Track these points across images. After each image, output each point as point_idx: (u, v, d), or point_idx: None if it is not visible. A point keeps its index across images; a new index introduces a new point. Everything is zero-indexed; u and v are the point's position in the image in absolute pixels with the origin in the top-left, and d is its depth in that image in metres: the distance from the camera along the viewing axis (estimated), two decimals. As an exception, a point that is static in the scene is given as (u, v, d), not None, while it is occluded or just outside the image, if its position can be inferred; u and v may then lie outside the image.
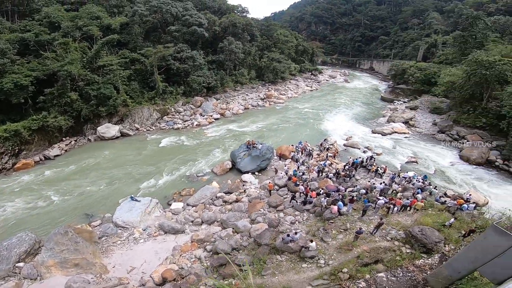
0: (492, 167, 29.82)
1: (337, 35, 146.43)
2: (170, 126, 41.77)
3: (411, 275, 4.98)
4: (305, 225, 17.76)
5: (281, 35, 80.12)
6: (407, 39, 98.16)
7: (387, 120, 46.81)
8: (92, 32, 39.92)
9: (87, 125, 36.98)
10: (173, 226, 19.21)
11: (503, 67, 35.11)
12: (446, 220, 13.28)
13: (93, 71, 37.82)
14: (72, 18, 40.52)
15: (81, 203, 22.68)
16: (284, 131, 41.63)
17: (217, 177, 27.75)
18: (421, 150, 34.62)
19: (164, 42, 49.06)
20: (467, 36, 54.42)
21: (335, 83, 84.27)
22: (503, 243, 3.11)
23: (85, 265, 14.80)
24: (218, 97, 54.48)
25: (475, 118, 37.95)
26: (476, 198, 20.53)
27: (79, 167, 28.91)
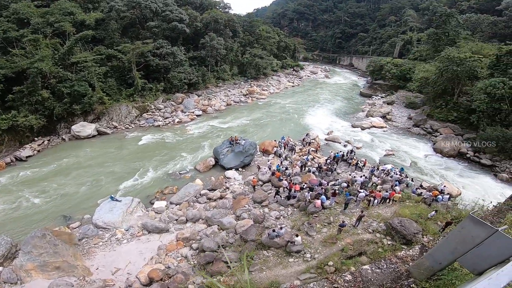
0: (463, 159, 31.55)
1: (318, 32, 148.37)
2: (150, 124, 40.65)
3: (394, 266, 5.17)
4: (290, 220, 18.05)
5: (263, 31, 79.96)
6: (385, 36, 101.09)
7: (366, 114, 48.17)
8: (65, 28, 37.99)
9: (60, 124, 35.24)
10: (156, 225, 18.83)
11: (473, 64, 37.04)
12: (423, 211, 13.93)
13: (66, 68, 36.12)
14: (43, 14, 38.31)
15: (58, 205, 21.68)
16: (267, 126, 41.78)
17: (200, 174, 27.41)
18: (397, 143, 36.03)
19: (143, 38, 47.51)
20: (440, 33, 56.86)
21: (316, 79, 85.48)
22: (480, 233, 3.17)
23: (66, 268, 14.26)
24: (200, 93, 53.63)
25: (447, 112, 39.88)
26: (449, 189, 21.61)
27: (55, 168, 27.53)
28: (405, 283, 4.45)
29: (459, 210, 10.51)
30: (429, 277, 4.14)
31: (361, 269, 5.45)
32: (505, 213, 5.31)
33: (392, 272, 5.02)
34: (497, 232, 2.90)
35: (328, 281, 4.97)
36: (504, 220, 4.93)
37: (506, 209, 5.48)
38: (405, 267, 5.00)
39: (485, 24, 62.79)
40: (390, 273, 5.00)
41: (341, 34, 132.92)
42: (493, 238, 2.93)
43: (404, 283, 4.45)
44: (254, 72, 68.00)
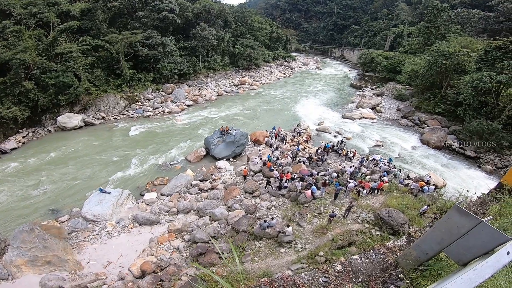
0: (449, 150, 32.49)
1: (310, 23, 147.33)
2: (139, 114, 39.91)
3: (383, 256, 5.31)
4: (281, 210, 18.18)
5: (255, 22, 78.92)
6: (376, 29, 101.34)
7: (356, 106, 48.71)
8: (49, 19, 36.80)
9: (46, 116, 34.25)
10: (147, 217, 18.69)
11: (461, 58, 37.77)
12: (410, 202, 14.30)
13: (51, 59, 35.08)
14: (26, 5, 36.74)
15: (46, 198, 21.19)
16: (258, 116, 41.73)
17: (191, 164, 27.26)
18: (386, 135, 36.71)
19: (131, 29, 46.23)
20: (431, 27, 57.47)
21: (308, 70, 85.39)
22: (465, 223, 3.17)
23: (57, 262, 14.08)
24: (191, 83, 52.83)
25: (434, 104, 40.77)
26: (435, 180, 22.23)
27: (40, 160, 26.80)
28: (393, 273, 4.57)
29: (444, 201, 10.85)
30: (416, 267, 4.22)
31: (351, 259, 5.59)
32: (489, 204, 5.51)
33: (380, 262, 5.16)
34: (481, 222, 2.94)
35: (319, 271, 5.07)
36: (488, 211, 5.12)
37: (490, 200, 5.67)
38: (393, 257, 5.13)
39: (475, 19, 63.71)
40: (379, 263, 5.13)
41: (333, 26, 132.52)
42: (478, 228, 2.95)
43: (392, 273, 4.57)
44: (245, 63, 67.43)
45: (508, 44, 32.01)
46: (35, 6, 36.98)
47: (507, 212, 4.50)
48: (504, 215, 4.41)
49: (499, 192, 5.44)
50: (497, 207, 4.92)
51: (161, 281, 12.56)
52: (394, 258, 5.02)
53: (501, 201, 5.07)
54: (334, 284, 4.57)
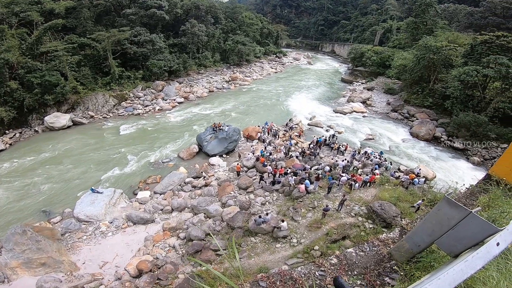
0: (438, 142, 33.25)
1: (301, 19, 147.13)
2: (129, 112, 39.28)
3: (377, 249, 5.43)
4: (276, 205, 18.31)
5: (246, 18, 78.33)
6: (366, 24, 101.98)
7: (347, 100, 49.19)
8: (32, 18, 35.80)
9: (32, 116, 33.41)
10: (141, 216, 18.56)
11: (449, 52, 38.46)
12: (401, 194, 14.59)
13: (35, 58, 34.26)
14: (7, 4, 35.62)
15: (37, 200, 20.78)
16: (250, 112, 41.68)
17: (184, 162, 27.10)
18: (377, 128, 37.27)
19: (119, 26, 45.33)
20: (419, 22, 58.25)
21: (299, 65, 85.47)
22: (455, 215, 3.19)
23: (52, 264, 13.92)
24: (181, 80, 52.21)
25: (423, 98, 41.52)
26: (425, 172, 22.70)
27: (29, 161, 26.16)
28: (387, 265, 4.67)
29: (434, 193, 11.14)
30: (410, 259, 4.28)
31: (346, 252, 5.71)
32: (478, 195, 5.70)
33: (375, 255, 5.27)
34: (471, 214, 2.98)
35: (315, 265, 5.16)
36: (477, 202, 5.30)
37: (478, 191, 5.85)
38: (386, 250, 5.25)
39: (462, 14, 64.83)
40: (373, 255, 5.25)
41: (323, 22, 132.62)
42: (468, 220, 2.99)
43: (386, 265, 4.67)
44: (236, 59, 67.01)
45: (494, 38, 32.73)
46: (17, 5, 35.94)
47: (495, 203, 4.65)
48: (493, 206, 4.56)
49: (487, 183, 5.61)
50: (486, 198, 5.08)
51: (158, 280, 12.55)
52: (388, 251, 5.14)
53: (489, 192, 5.23)
54: (330, 277, 4.67)
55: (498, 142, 30.12)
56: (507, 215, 4.08)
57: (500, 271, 2.56)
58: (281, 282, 4.36)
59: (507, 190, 5.16)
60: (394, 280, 4.18)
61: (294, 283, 4.29)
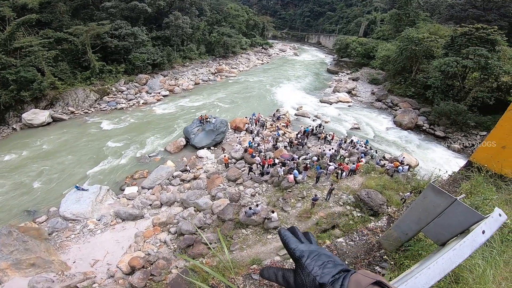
0: (420, 131, 34.31)
1: (287, 10, 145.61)
2: (112, 107, 38.08)
3: (366, 238, 5.56)
4: (265, 197, 18.44)
5: (231, 10, 76.67)
6: (351, 16, 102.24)
7: (333, 90, 49.66)
8: (4, 14, 34.01)
9: (9, 113, 31.86)
10: (130, 212, 18.29)
11: (430, 44, 39.34)
12: (387, 182, 15.00)
13: (9, 54, 32.60)
14: None
15: (19, 200, 20.02)
16: (237, 104, 41.38)
17: (171, 155, 26.73)
18: (362, 117, 37.96)
19: (98, 20, 43.51)
20: (401, 14, 58.98)
21: (285, 57, 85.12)
22: (440, 202, 3.18)
23: (42, 264, 13.60)
24: (166, 73, 50.89)
25: (405, 88, 42.56)
26: (409, 160, 23.46)
27: (8, 160, 25.07)
28: (377, 254, 4.76)
29: (417, 180, 11.53)
30: (398, 248, 4.34)
31: (336, 242, 5.84)
32: (460, 182, 5.93)
33: (364, 244, 5.40)
34: (456, 201, 3.02)
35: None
36: (460, 189, 5.51)
37: (460, 178, 6.09)
38: (375, 239, 5.39)
39: (443, 7, 65.97)
40: (363, 245, 5.38)
41: (309, 13, 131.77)
42: (453, 207, 3.04)
43: (376, 255, 4.77)
44: (222, 51, 65.93)
45: (473, 30, 33.62)
46: None
47: (477, 190, 4.85)
48: (475, 193, 4.75)
49: (469, 170, 5.83)
50: (468, 185, 5.30)
51: (151, 276, 12.51)
52: (377, 240, 5.26)
53: (471, 179, 5.45)
54: None
55: (477, 130, 31.42)
56: (489, 201, 4.22)
57: (485, 259, 2.67)
58: None
59: (488, 176, 5.38)
60: (385, 269, 4.29)
61: None
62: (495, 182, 5.21)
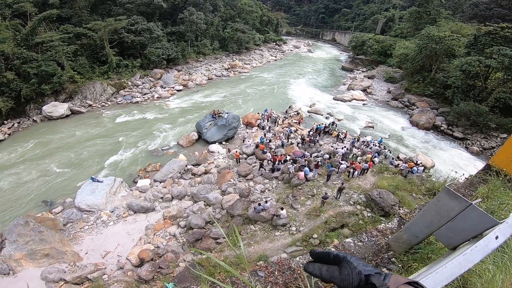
0: (437, 131, 33.20)
1: (301, 6, 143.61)
2: (128, 100, 38.97)
3: (375, 239, 5.43)
4: (275, 193, 18.39)
5: (245, 6, 76.53)
6: (368, 13, 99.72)
7: (347, 88, 48.78)
8: (26, 9, 35.33)
9: (30, 106, 33.17)
10: (142, 204, 18.69)
11: (451, 42, 37.96)
12: (400, 183, 14.61)
13: (30, 48, 33.92)
14: None
15: (37, 190, 20.84)
16: (249, 99, 41.38)
17: (184, 149, 27.09)
18: (377, 116, 37.11)
19: (115, 15, 44.43)
20: (422, 12, 57.11)
21: (299, 53, 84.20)
22: (455, 206, 3.08)
23: (55, 255, 14.10)
24: (180, 68, 51.53)
25: (424, 87, 41.22)
26: (424, 161, 22.80)
27: (29, 151, 26.14)
28: (385, 256, 4.65)
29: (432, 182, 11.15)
30: (407, 250, 4.23)
31: (344, 242, 5.74)
32: (477, 185, 5.69)
33: (373, 245, 5.28)
34: (471, 205, 2.89)
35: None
36: (476, 193, 5.29)
37: (477, 182, 5.83)
38: (384, 240, 5.26)
39: (466, 5, 63.46)
40: (371, 246, 5.26)
41: (324, 9, 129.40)
42: (467, 211, 2.91)
43: (384, 256, 4.66)
44: (236, 47, 66.03)
45: (498, 30, 32.31)
46: None
47: (494, 194, 4.64)
48: (492, 197, 4.55)
49: (487, 174, 5.59)
50: (485, 189, 5.08)
51: (159, 269, 12.77)
52: (386, 241, 5.14)
53: (489, 183, 5.21)
54: None
55: (498, 132, 30.13)
56: (505, 206, 4.05)
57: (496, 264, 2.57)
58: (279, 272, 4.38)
59: (507, 181, 5.15)
60: (392, 271, 4.19)
61: (293, 273, 4.32)
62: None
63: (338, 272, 0.92)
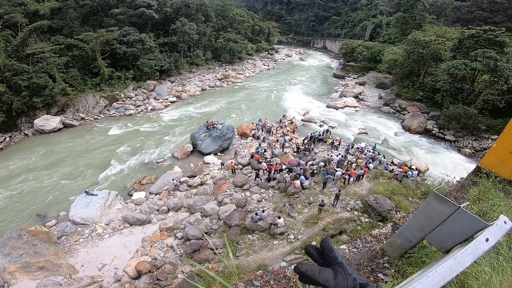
0: (429, 135, 33.70)
1: (292, 15, 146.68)
2: (121, 113, 38.80)
3: (369, 245, 5.48)
4: (272, 202, 18.41)
5: (237, 16, 77.71)
6: (356, 20, 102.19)
7: (339, 95, 49.36)
8: (16, 20, 35.24)
9: (21, 119, 32.78)
10: (138, 217, 18.51)
11: (437, 46, 38.94)
12: (395, 187, 14.78)
13: (21, 60, 33.63)
14: None
15: (30, 204, 20.52)
16: (243, 109, 41.58)
17: (179, 161, 26.99)
18: (370, 122, 37.59)
19: (107, 26, 44.71)
20: (407, 17, 58.65)
21: (291, 62, 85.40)
22: (444, 210, 3.16)
23: (51, 267, 13.86)
24: (173, 79, 51.75)
25: (414, 91, 41.99)
26: (418, 165, 23.07)
27: (21, 165, 25.75)
28: (380, 261, 4.68)
29: (427, 186, 11.29)
30: (402, 255, 4.27)
31: (339, 249, 5.79)
32: (468, 188, 5.82)
33: (368, 251, 5.32)
34: (459, 209, 2.97)
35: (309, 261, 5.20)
36: (467, 195, 5.41)
37: (468, 185, 5.96)
38: (379, 246, 5.31)
39: (449, 9, 65.41)
40: (366, 252, 5.29)
41: (314, 18, 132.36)
42: (456, 215, 2.99)
43: (379, 262, 4.69)
44: (228, 57, 66.66)
45: (481, 32, 33.13)
46: (0, 7, 35.37)
47: (485, 196, 4.74)
48: (483, 199, 4.64)
49: (477, 176, 5.72)
50: (476, 191, 5.18)
51: (158, 281, 12.57)
52: (381, 247, 5.18)
53: (479, 185, 5.33)
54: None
55: (488, 133, 30.71)
56: (497, 208, 4.13)
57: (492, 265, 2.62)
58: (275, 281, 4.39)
59: (497, 182, 5.27)
60: (387, 276, 4.23)
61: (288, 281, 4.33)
62: (504, 188, 5.09)
63: (333, 277, 0.87)
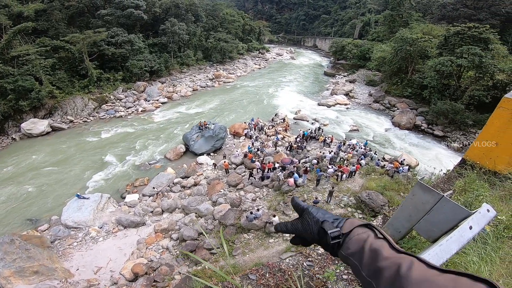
0: (418, 131, 34.47)
1: (282, 14, 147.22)
2: (111, 115, 38.23)
3: None
4: (266, 201, 18.51)
5: (227, 15, 77.52)
6: (346, 18, 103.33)
7: (330, 93, 49.92)
8: (0, 21, 34.33)
9: (8, 123, 31.98)
10: (131, 219, 18.38)
11: (424, 44, 39.77)
12: (387, 183, 15.01)
13: (6, 63, 32.76)
14: None
15: (21, 209, 20.13)
16: (236, 109, 41.58)
17: (171, 162, 26.86)
18: (360, 119, 38.17)
19: (94, 27, 43.80)
20: (395, 15, 59.65)
21: (282, 61, 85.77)
22: (429, 199, 3.23)
23: (45, 272, 13.68)
24: (164, 80, 51.29)
25: (402, 88, 42.81)
26: (408, 161, 23.50)
27: (10, 170, 25.16)
28: None
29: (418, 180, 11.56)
30: None
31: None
32: (454, 180, 6.06)
33: None
34: (443, 197, 3.08)
35: (303, 256, 5.32)
36: (453, 186, 5.63)
37: (455, 176, 6.21)
38: None
39: (435, 7, 66.72)
40: None
41: (304, 16, 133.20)
42: (441, 204, 3.09)
43: None
44: (219, 56, 66.44)
45: (465, 29, 33.94)
46: None
47: (471, 187, 4.95)
48: (469, 190, 4.84)
49: (463, 168, 5.96)
50: (461, 182, 5.41)
51: (155, 282, 12.55)
52: None
53: (465, 177, 5.57)
54: (318, 267, 4.78)
55: (475, 128, 31.55)
56: (482, 198, 4.29)
57: (480, 255, 2.74)
58: (270, 274, 4.47)
59: (482, 173, 5.51)
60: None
61: (283, 274, 4.42)
62: (489, 179, 5.32)
63: (300, 224, 0.98)
